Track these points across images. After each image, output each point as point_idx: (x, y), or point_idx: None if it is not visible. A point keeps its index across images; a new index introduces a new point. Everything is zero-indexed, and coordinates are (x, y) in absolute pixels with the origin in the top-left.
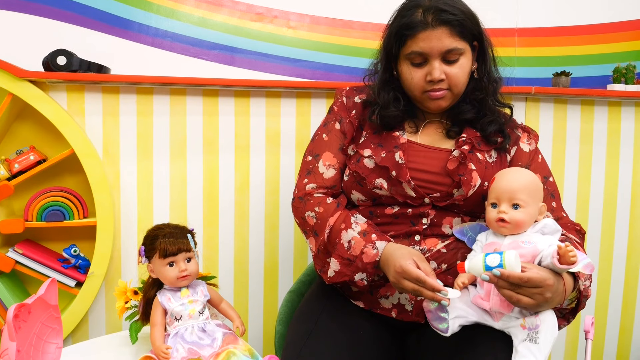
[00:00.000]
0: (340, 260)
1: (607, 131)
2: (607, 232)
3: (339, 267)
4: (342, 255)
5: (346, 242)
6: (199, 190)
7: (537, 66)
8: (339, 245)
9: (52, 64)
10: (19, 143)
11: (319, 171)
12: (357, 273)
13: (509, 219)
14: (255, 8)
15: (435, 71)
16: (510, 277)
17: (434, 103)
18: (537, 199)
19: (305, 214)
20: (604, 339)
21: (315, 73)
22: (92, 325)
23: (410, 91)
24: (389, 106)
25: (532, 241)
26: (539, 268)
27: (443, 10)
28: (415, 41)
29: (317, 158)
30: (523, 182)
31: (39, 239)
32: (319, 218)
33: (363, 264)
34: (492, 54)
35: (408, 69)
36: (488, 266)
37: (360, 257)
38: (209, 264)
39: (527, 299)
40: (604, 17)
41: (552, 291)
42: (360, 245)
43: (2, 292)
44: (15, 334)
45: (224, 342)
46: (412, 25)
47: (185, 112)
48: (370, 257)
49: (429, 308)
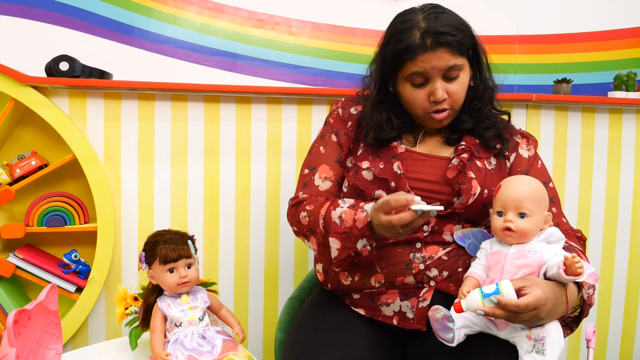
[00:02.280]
0: (338, 236)
1: (608, 138)
2: (608, 239)
3: (340, 244)
4: (337, 231)
5: (338, 219)
6: (200, 196)
7: (538, 73)
8: (333, 224)
9: (54, 69)
10: (20, 148)
11: (314, 184)
12: (358, 241)
13: (516, 228)
14: (257, 15)
15: (438, 92)
16: (508, 305)
17: (438, 123)
18: (543, 208)
19: (300, 216)
20: (605, 347)
21: (316, 79)
22: (92, 331)
23: (412, 111)
24: (382, 127)
25: (537, 250)
26: (538, 286)
27: (442, 33)
28: (415, 63)
29: (314, 171)
30: (529, 190)
31: (40, 244)
32: (311, 214)
33: (359, 230)
34: (486, 61)
35: (409, 89)
36: (485, 294)
37: (355, 226)
38: (209, 270)
39: (521, 320)
40: (605, 24)
41: (546, 311)
42: (351, 216)
43: (2, 297)
44: (15, 339)
45: (224, 348)
46: (411, 49)
47: (186, 117)
48: (362, 220)
49: (435, 317)
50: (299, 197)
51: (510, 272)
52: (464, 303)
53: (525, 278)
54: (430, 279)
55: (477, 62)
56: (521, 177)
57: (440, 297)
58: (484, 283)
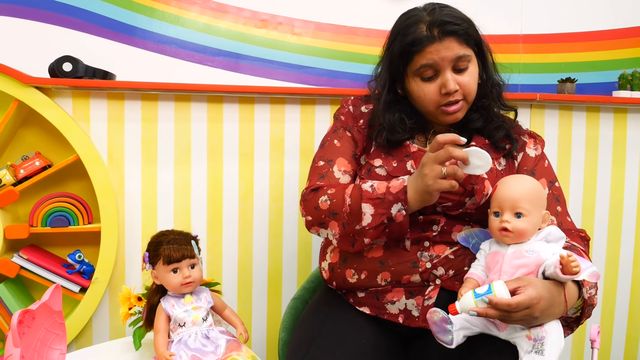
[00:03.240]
0: (372, 202)
1: (612, 138)
2: (613, 239)
3: (373, 210)
4: (371, 197)
5: (369, 187)
6: (203, 197)
7: (542, 73)
8: (365, 192)
9: (57, 70)
10: (24, 149)
11: (334, 176)
12: (392, 206)
13: (512, 228)
14: (259, 15)
15: (449, 82)
16: (499, 304)
17: (451, 117)
18: (539, 207)
19: (319, 201)
20: (610, 348)
21: (319, 79)
22: (96, 331)
23: (423, 107)
24: (395, 128)
25: (535, 250)
26: (532, 285)
27: (447, 22)
28: (423, 55)
29: (331, 163)
30: (525, 190)
31: (44, 244)
32: (333, 197)
33: (394, 195)
34: (492, 57)
35: (418, 85)
36: (477, 294)
37: (388, 191)
38: (212, 270)
39: (515, 319)
40: (610, 23)
41: (540, 310)
42: (384, 184)
43: (7, 298)
44: (19, 339)
45: (228, 349)
46: (418, 41)
47: (189, 118)
48: (397, 186)
49: (433, 320)
50: (316, 184)
51: (508, 273)
52: (458, 305)
53: (520, 278)
54: (436, 277)
55: (483, 58)
56: (517, 176)
57: (446, 296)
58: (483, 284)
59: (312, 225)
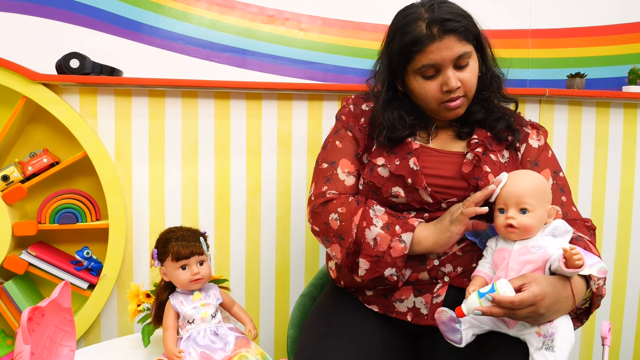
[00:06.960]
0: (369, 259)
1: (622, 133)
2: (622, 235)
3: (369, 266)
4: (369, 254)
5: (372, 241)
6: (211, 193)
7: (551, 68)
8: (365, 245)
9: (65, 67)
10: (32, 146)
11: (339, 178)
12: (387, 268)
13: (517, 224)
14: (266, 10)
15: (451, 80)
16: (502, 302)
17: (452, 113)
18: (545, 202)
19: (329, 217)
20: (619, 344)
21: (326, 75)
22: (105, 327)
23: (425, 104)
24: (395, 125)
25: (542, 245)
26: (536, 282)
27: (447, 20)
28: (424, 54)
29: (334, 165)
30: (530, 185)
31: (52, 241)
32: (343, 219)
33: (392, 258)
34: (490, 50)
35: (419, 83)
36: (481, 293)
37: (389, 252)
38: (220, 267)
39: (520, 317)
40: (619, 17)
41: (545, 306)
42: (386, 241)
43: (16, 295)
44: (29, 336)
45: (237, 345)
46: (418, 40)
47: (197, 114)
48: (399, 251)
49: (442, 319)
50: (325, 195)
51: (515, 269)
52: (464, 306)
53: (525, 276)
54: (444, 275)
55: (482, 51)
56: (521, 172)
57: (455, 293)
58: (491, 281)
59: (317, 235)
